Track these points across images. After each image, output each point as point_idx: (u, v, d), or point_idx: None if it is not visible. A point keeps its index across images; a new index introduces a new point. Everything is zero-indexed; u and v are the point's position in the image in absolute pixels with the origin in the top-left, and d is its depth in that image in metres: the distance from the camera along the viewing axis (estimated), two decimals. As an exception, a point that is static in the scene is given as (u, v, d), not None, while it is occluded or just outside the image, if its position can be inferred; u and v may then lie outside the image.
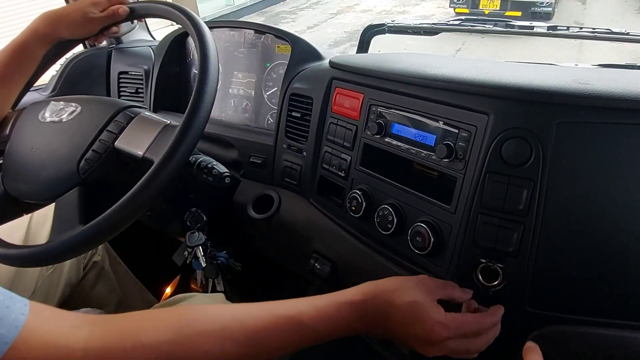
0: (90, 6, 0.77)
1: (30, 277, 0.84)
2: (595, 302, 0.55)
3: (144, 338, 0.42)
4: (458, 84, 0.60)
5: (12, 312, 0.36)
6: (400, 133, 0.69)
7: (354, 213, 0.74)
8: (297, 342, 0.48)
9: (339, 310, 0.50)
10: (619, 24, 5.76)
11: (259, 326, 0.46)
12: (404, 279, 0.55)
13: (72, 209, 0.63)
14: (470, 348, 0.52)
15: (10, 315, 0.36)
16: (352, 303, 0.51)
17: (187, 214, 0.86)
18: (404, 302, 0.51)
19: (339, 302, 0.51)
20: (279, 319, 0.47)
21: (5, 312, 0.36)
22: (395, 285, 0.53)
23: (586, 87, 0.52)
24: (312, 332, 0.49)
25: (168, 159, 0.59)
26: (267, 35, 0.98)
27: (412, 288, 0.52)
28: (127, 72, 1.14)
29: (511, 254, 0.55)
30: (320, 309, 0.49)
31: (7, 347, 0.35)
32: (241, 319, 0.47)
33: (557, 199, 0.53)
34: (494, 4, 6.45)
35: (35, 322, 0.37)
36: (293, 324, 0.48)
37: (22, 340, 0.36)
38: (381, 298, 0.52)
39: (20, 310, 0.37)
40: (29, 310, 0.38)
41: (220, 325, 0.45)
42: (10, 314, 0.36)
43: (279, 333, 0.47)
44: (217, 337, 0.44)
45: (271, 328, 0.47)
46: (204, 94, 0.62)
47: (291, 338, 0.48)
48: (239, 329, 0.46)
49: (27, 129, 0.72)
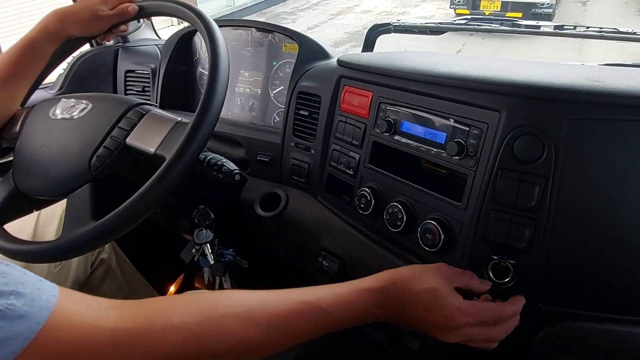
0: (100, 4, 0.78)
1: (37, 274, 0.84)
2: (606, 299, 0.55)
3: (175, 319, 0.43)
4: (470, 82, 0.60)
5: (43, 294, 0.37)
6: (410, 131, 0.69)
7: (363, 210, 0.74)
8: (318, 328, 0.49)
9: (359, 297, 0.51)
10: (619, 25, 5.77)
11: (282, 311, 0.48)
12: (423, 267, 0.56)
13: (83, 206, 0.64)
14: (490, 336, 0.52)
15: (41, 297, 0.36)
16: (372, 290, 0.52)
17: (196, 212, 0.86)
18: (422, 288, 0.52)
19: (359, 289, 0.52)
20: (300, 305, 0.48)
21: (37, 294, 0.36)
22: (414, 272, 0.54)
23: (598, 84, 0.52)
24: (333, 318, 0.50)
25: (180, 156, 0.59)
26: (274, 34, 0.99)
27: (431, 275, 0.53)
28: (134, 71, 1.14)
29: (523, 250, 0.56)
30: (340, 295, 0.51)
31: (40, 327, 0.35)
32: (265, 304, 0.48)
33: (568, 195, 0.53)
34: (495, 5, 6.46)
35: (65, 304, 0.38)
36: (313, 310, 0.49)
37: (54, 320, 0.36)
38: (400, 285, 0.53)
39: (50, 292, 0.38)
40: (58, 292, 0.38)
41: (247, 309, 0.47)
42: (42, 295, 0.37)
43: (300, 319, 0.48)
44: (243, 320, 0.46)
45: (293, 314, 0.48)
46: (215, 91, 0.62)
47: (312, 324, 0.49)
48: (263, 314, 0.47)
49: (37, 126, 0.72)
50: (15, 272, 0.37)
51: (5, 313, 0.33)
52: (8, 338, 0.33)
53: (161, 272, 1.26)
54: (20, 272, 0.37)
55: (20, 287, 0.35)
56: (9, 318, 0.33)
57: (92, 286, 0.96)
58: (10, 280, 0.35)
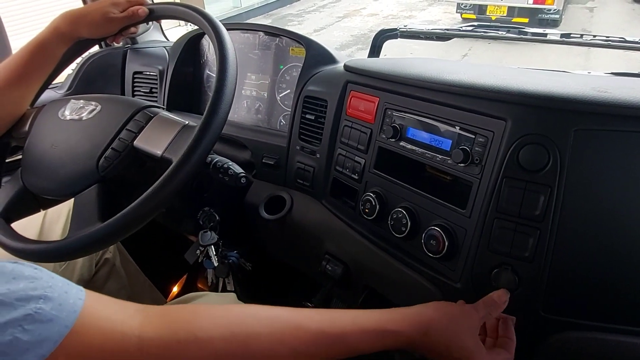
0: (111, 6, 0.78)
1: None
2: (609, 309, 0.55)
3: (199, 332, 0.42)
4: (476, 90, 0.60)
5: (70, 297, 0.37)
6: (416, 137, 0.69)
7: (368, 215, 0.74)
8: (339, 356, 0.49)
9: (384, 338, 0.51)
10: (627, 31, 5.74)
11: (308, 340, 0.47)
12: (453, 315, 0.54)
13: (91, 206, 0.64)
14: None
15: (69, 300, 0.37)
16: (398, 334, 0.51)
17: (201, 213, 0.86)
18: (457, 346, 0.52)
19: (385, 331, 0.51)
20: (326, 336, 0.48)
21: (65, 297, 0.36)
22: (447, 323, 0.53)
23: (605, 95, 0.53)
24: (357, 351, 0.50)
25: (187, 159, 0.59)
26: (281, 38, 0.99)
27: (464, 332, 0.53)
28: (142, 72, 1.15)
29: (527, 259, 0.56)
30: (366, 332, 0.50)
31: (68, 330, 0.35)
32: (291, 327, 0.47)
33: (573, 205, 0.53)
34: (501, 10, 6.46)
35: (92, 308, 0.38)
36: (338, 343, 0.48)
37: (81, 324, 0.36)
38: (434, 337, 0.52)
39: (77, 295, 0.38)
40: (85, 296, 0.38)
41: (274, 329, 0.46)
42: (69, 299, 0.37)
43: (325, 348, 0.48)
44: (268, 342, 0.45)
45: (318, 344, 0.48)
46: (223, 95, 0.63)
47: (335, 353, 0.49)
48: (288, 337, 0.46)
49: (47, 126, 0.73)
50: (44, 276, 0.37)
51: (35, 317, 0.34)
52: (38, 342, 0.33)
53: (164, 273, 1.26)
54: (48, 276, 0.37)
55: (49, 290, 0.36)
56: (38, 322, 0.34)
57: (96, 285, 0.97)
58: (39, 284, 0.36)
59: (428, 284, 0.66)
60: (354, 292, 0.82)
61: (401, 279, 0.70)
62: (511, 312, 0.57)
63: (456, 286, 0.62)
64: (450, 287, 0.63)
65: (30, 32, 0.79)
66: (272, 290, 1.22)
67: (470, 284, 0.61)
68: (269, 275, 1.20)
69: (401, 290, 0.73)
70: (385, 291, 0.77)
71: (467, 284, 0.61)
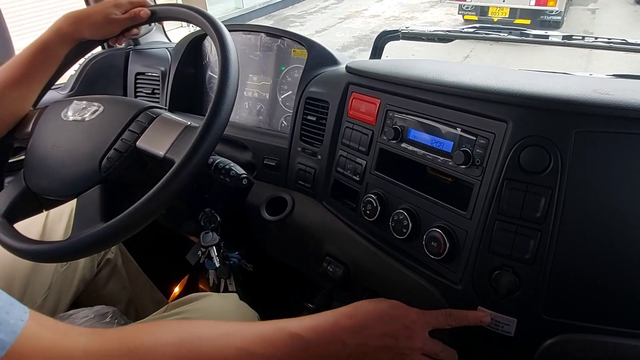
0: (113, 8, 0.79)
1: (45, 274, 0.85)
2: (611, 311, 0.55)
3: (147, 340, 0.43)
4: (477, 92, 0.60)
5: (11, 318, 0.37)
6: (417, 139, 0.70)
7: (369, 217, 0.74)
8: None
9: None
10: (629, 33, 5.74)
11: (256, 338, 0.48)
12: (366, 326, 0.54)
13: (93, 207, 0.64)
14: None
15: (9, 321, 0.37)
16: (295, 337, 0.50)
17: (202, 214, 0.87)
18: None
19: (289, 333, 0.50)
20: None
21: (5, 317, 0.37)
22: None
23: (606, 97, 0.53)
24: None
25: (189, 160, 0.60)
26: (283, 39, 1.00)
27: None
28: (144, 73, 1.16)
29: (527, 261, 0.56)
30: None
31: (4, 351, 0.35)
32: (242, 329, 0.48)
33: (574, 207, 0.54)
34: (503, 12, 6.45)
35: (34, 328, 0.38)
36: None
37: (21, 344, 0.37)
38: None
39: (19, 316, 0.38)
40: (28, 317, 0.39)
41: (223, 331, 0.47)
42: (10, 319, 0.37)
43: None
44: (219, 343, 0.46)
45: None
46: (225, 96, 0.63)
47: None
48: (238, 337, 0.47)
49: (49, 127, 0.73)
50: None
51: None
52: None
53: (166, 273, 1.27)
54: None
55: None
56: None
57: (98, 285, 0.97)
58: None
59: (429, 286, 0.66)
60: (355, 294, 0.82)
61: (402, 280, 0.70)
62: (512, 314, 0.57)
63: (457, 288, 0.62)
64: (451, 289, 0.63)
65: (33, 32, 0.79)
66: (273, 291, 1.22)
67: (471, 286, 0.61)
68: (270, 277, 1.20)
69: (402, 292, 0.73)
70: (385, 293, 0.77)
71: (468, 285, 0.61)
